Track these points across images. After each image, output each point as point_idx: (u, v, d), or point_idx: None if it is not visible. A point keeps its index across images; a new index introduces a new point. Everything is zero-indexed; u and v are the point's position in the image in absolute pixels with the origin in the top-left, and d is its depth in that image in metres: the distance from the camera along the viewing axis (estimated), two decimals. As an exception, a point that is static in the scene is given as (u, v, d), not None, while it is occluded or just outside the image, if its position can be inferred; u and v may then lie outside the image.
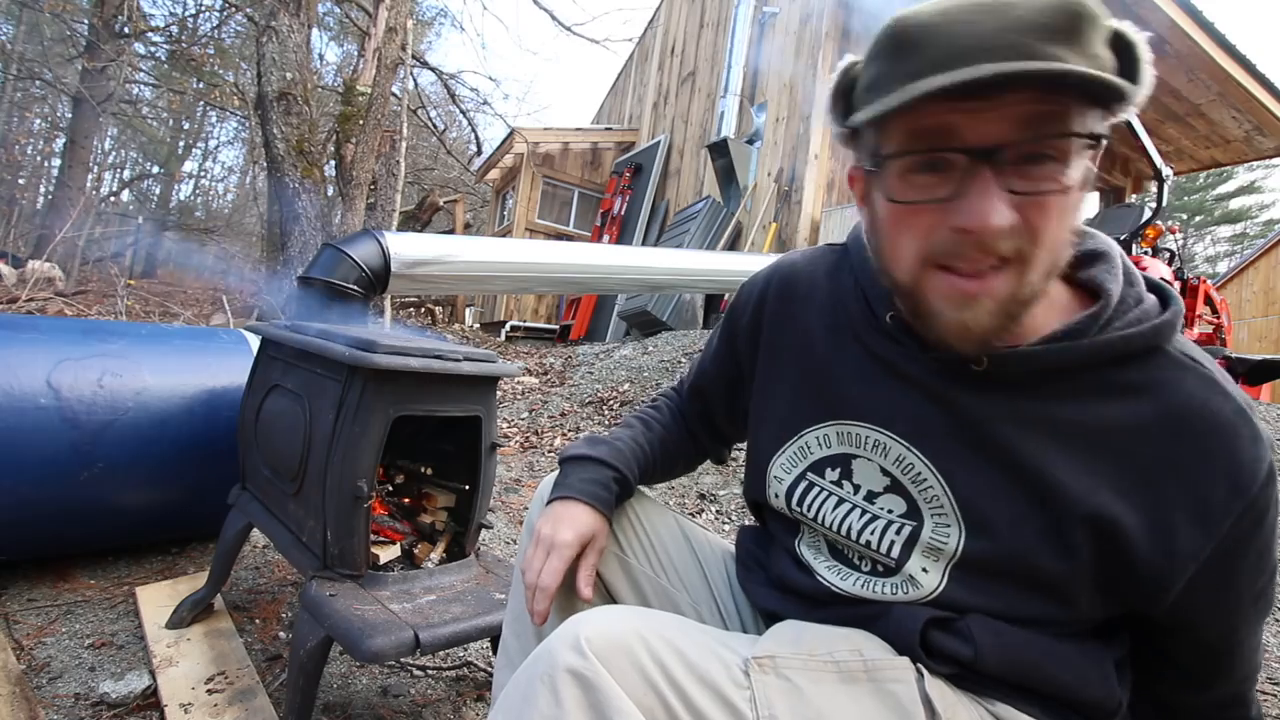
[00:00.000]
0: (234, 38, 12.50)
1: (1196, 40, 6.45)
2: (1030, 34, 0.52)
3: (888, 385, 0.72)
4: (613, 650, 0.59)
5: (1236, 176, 20.86)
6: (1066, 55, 0.52)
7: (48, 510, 1.66)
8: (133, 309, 6.42)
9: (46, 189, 15.64)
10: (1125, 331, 0.62)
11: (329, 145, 6.30)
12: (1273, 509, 0.61)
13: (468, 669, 1.59)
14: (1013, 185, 0.55)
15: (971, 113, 0.55)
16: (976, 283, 0.57)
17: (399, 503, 1.56)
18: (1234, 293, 12.22)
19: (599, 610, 0.66)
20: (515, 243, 4.52)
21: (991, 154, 0.55)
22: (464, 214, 11.27)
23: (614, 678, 0.58)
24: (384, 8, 6.69)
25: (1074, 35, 0.53)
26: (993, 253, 0.56)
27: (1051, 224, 0.56)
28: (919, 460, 0.69)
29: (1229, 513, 0.59)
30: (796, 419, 0.79)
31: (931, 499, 0.68)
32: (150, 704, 1.33)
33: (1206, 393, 0.61)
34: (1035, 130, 0.54)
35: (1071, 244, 0.60)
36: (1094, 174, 0.58)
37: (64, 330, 1.80)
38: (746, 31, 7.09)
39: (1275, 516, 0.62)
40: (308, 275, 2.25)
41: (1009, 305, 0.58)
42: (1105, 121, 0.57)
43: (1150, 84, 0.56)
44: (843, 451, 0.74)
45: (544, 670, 0.59)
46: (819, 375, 0.77)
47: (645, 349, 5.11)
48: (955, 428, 0.67)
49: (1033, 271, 0.57)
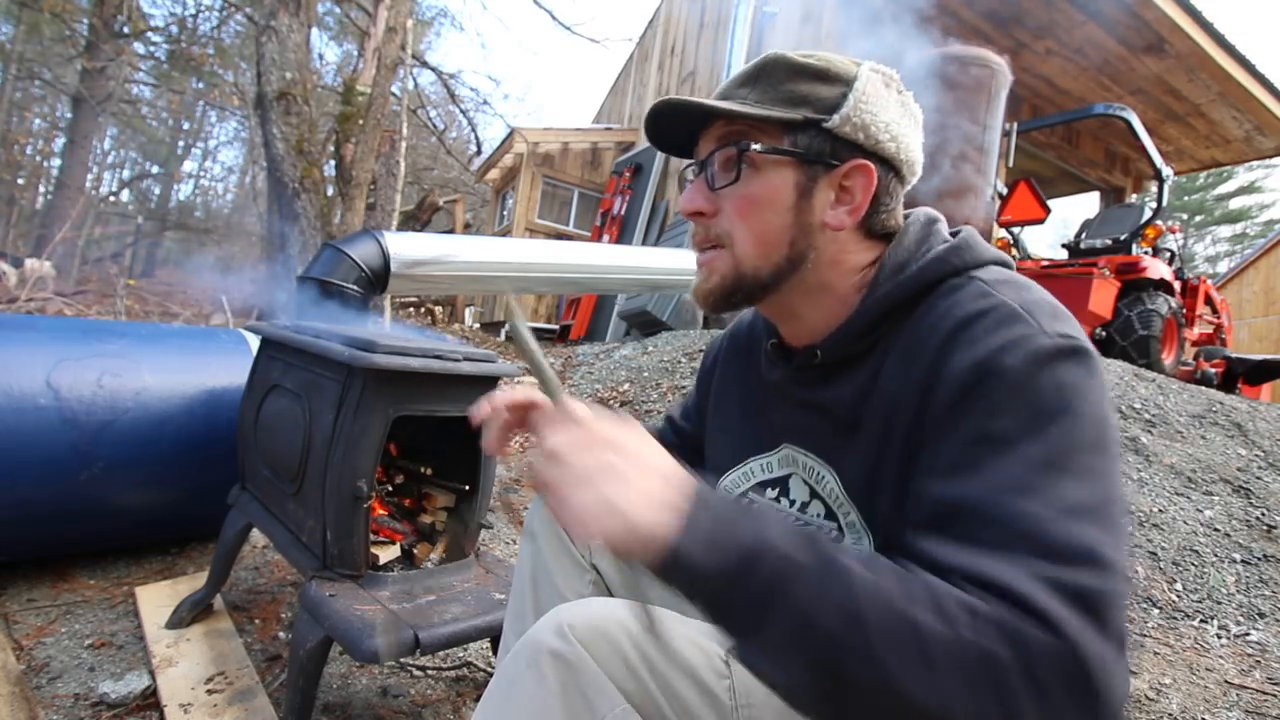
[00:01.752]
0: (234, 37, 12.50)
1: (1196, 40, 6.45)
2: (734, 83, 0.75)
3: (781, 404, 0.82)
4: (595, 636, 0.62)
5: (1236, 176, 20.86)
6: (748, 95, 0.73)
7: (47, 510, 1.66)
8: (132, 309, 6.42)
9: (46, 189, 15.64)
10: (888, 288, 0.72)
11: (329, 145, 6.30)
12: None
13: (468, 669, 1.59)
14: (713, 185, 0.74)
15: (703, 139, 0.77)
16: (704, 257, 0.76)
17: (399, 503, 1.56)
18: (1234, 293, 12.22)
19: (582, 600, 0.68)
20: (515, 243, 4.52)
21: (701, 164, 0.76)
22: (464, 214, 11.27)
23: (596, 662, 0.60)
24: (384, 8, 6.69)
25: (760, 79, 0.73)
26: (708, 235, 0.75)
27: (739, 216, 0.73)
28: (817, 463, 0.76)
29: None
30: (742, 450, 0.87)
31: (831, 494, 0.75)
32: (150, 704, 1.33)
33: (953, 307, 0.66)
34: (721, 144, 0.74)
35: (789, 242, 0.72)
36: (818, 185, 0.72)
37: (64, 330, 1.80)
38: (746, 31, 7.09)
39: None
40: (307, 275, 2.25)
41: (726, 278, 0.74)
42: (808, 139, 0.71)
43: (860, 113, 0.70)
44: (784, 473, 0.82)
45: (529, 654, 0.61)
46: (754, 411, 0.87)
47: (645, 349, 5.11)
48: (830, 423, 0.74)
49: (736, 251, 0.73)
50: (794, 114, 0.71)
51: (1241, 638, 2.01)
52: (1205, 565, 2.29)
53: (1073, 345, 0.59)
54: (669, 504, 0.51)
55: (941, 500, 0.57)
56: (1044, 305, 0.63)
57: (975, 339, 0.61)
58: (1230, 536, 2.46)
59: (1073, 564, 0.50)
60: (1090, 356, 0.60)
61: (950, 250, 0.72)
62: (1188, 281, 5.95)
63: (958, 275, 0.70)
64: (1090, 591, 0.49)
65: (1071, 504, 0.52)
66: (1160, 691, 1.65)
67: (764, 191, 0.72)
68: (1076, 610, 0.48)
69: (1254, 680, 1.75)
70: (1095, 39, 6.64)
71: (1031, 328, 0.60)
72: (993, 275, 0.69)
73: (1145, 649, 1.90)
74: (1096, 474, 0.54)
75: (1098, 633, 0.48)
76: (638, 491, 0.51)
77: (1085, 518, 0.52)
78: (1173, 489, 2.75)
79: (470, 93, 14.97)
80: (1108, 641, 0.48)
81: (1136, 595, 2.16)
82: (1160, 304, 4.97)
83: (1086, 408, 0.57)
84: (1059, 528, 0.51)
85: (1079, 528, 0.51)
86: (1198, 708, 1.60)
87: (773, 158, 0.72)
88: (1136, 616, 2.08)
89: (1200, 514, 2.59)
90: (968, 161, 4.77)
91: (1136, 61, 6.96)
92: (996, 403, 0.57)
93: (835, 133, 0.70)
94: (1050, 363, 0.58)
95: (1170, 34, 6.41)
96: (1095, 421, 0.57)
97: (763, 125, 0.71)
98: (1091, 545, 0.51)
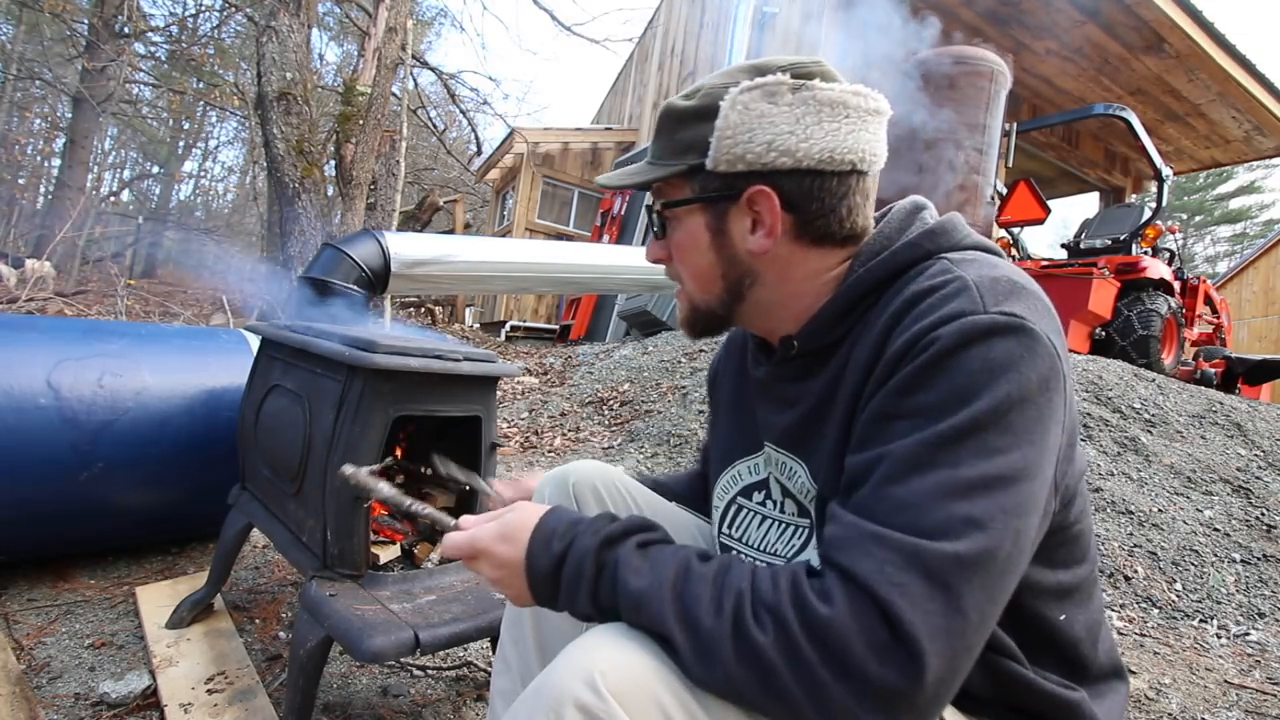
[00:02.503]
0: (234, 38, 12.50)
1: (1196, 40, 6.45)
2: (652, 138, 0.79)
3: (763, 401, 0.83)
4: (632, 689, 0.55)
5: (1236, 176, 20.86)
6: (654, 152, 0.78)
7: (48, 510, 1.66)
8: (133, 309, 6.42)
9: (46, 189, 15.64)
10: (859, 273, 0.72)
11: (329, 145, 6.30)
12: None
13: (468, 669, 1.59)
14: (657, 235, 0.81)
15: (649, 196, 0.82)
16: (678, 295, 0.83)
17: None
18: (1234, 293, 12.22)
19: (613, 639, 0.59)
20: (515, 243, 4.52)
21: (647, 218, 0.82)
22: (464, 214, 11.26)
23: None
24: (384, 8, 6.69)
25: (659, 134, 0.77)
26: (669, 275, 0.82)
27: (680, 263, 0.79)
28: (790, 459, 0.77)
29: None
30: (731, 452, 0.89)
31: (801, 489, 0.76)
32: (150, 704, 1.33)
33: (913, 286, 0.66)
34: (654, 201, 0.80)
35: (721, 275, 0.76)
36: (723, 221, 0.74)
37: (64, 330, 1.80)
38: (746, 31, 7.08)
39: None
40: (308, 275, 2.25)
41: (690, 310, 0.81)
42: (709, 182, 0.73)
43: (720, 138, 0.71)
44: (766, 475, 0.83)
45: (549, 703, 0.54)
46: (743, 410, 0.88)
47: (645, 349, 5.10)
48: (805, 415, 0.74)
49: (687, 289, 0.80)
50: (680, 165, 0.74)
51: (1241, 638, 2.01)
52: (1205, 565, 2.29)
53: (1011, 323, 0.58)
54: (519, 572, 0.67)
55: (848, 469, 0.62)
56: (999, 282, 0.62)
57: (919, 315, 0.61)
58: (1230, 536, 2.46)
59: (936, 538, 0.52)
60: (1030, 335, 0.58)
61: (924, 234, 0.71)
62: (1187, 281, 5.95)
63: (930, 258, 0.69)
64: (944, 561, 0.51)
65: (960, 482, 0.54)
66: (1160, 691, 1.65)
67: (685, 238, 0.77)
68: (925, 585, 0.51)
69: (1254, 680, 1.75)
70: (1095, 39, 6.65)
71: (974, 303, 0.59)
72: (961, 256, 0.68)
73: (1145, 649, 1.90)
74: (1000, 451, 0.55)
75: (935, 601, 0.51)
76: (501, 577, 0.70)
77: (971, 495, 0.53)
78: (1173, 489, 2.75)
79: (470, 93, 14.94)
80: (950, 615, 0.51)
81: (1136, 595, 2.16)
82: (1160, 304, 4.97)
83: (1006, 386, 0.56)
84: (935, 505, 0.53)
85: (958, 505, 0.53)
86: (1198, 707, 1.60)
87: (681, 209, 0.76)
88: (1136, 616, 2.08)
89: (1200, 514, 2.59)
90: (967, 162, 4.77)
91: (1136, 61, 6.96)
92: (917, 377, 0.58)
93: (717, 171, 0.72)
94: (981, 340, 0.57)
95: (1170, 34, 6.41)
96: (1014, 399, 0.56)
97: (670, 179, 0.76)
98: (964, 522, 0.52)
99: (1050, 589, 0.66)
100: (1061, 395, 0.60)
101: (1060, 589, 0.67)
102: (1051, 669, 0.67)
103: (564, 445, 3.56)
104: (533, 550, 0.66)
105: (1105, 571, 2.23)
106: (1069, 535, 0.68)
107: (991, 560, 0.53)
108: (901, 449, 0.57)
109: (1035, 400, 0.57)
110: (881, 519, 0.55)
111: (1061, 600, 0.68)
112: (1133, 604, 2.13)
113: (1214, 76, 6.96)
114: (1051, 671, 0.67)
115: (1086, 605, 0.70)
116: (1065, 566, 0.68)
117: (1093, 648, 0.70)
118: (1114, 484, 2.68)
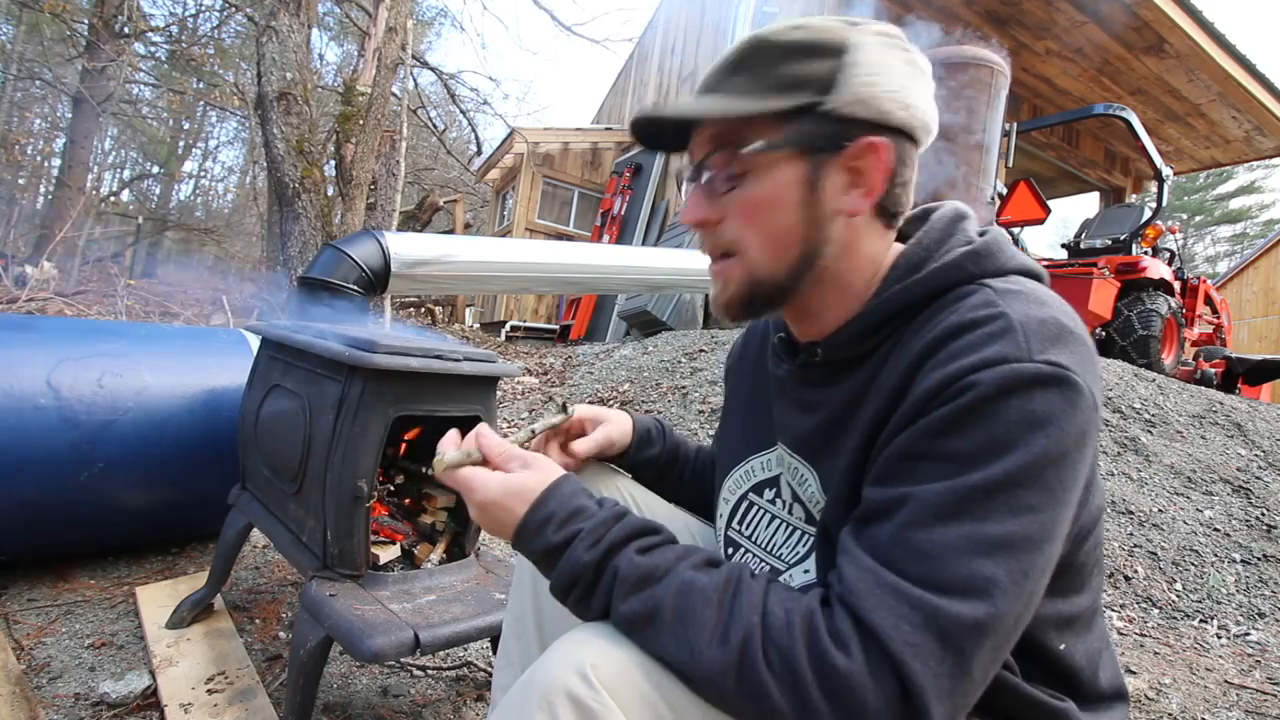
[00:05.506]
0: (234, 38, 12.50)
1: (1196, 40, 6.45)
2: (720, 72, 0.68)
3: (780, 401, 0.80)
4: (624, 684, 0.55)
5: (1236, 176, 20.87)
6: (735, 85, 0.66)
7: (48, 510, 1.66)
8: (133, 309, 6.42)
9: (46, 189, 15.65)
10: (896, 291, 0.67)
11: (329, 145, 6.30)
12: None
13: (468, 669, 1.59)
14: (719, 188, 0.68)
15: (693, 143, 0.72)
16: (716, 267, 0.72)
17: (399, 503, 1.56)
18: (1234, 293, 12.23)
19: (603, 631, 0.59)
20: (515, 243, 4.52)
21: (695, 170, 0.70)
22: (464, 214, 11.26)
23: (625, 714, 0.54)
24: (384, 8, 6.69)
25: (745, 66, 0.66)
26: (716, 245, 0.70)
27: (747, 221, 0.67)
28: (802, 464, 0.75)
29: None
30: (744, 447, 0.86)
31: (811, 498, 0.74)
32: (150, 704, 1.33)
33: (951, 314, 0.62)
34: (715, 146, 0.68)
35: (802, 239, 0.67)
36: (824, 175, 0.66)
37: (64, 330, 1.80)
38: (746, 31, 7.08)
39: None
40: (308, 275, 2.25)
41: (743, 286, 0.70)
42: (810, 125, 0.65)
43: (852, 75, 0.64)
44: (777, 473, 0.80)
45: (540, 693, 0.54)
46: (760, 406, 0.85)
47: (645, 349, 5.10)
48: (822, 424, 0.72)
49: (748, 258, 0.68)
50: (787, 102, 0.64)
51: (1241, 638, 2.01)
52: (1205, 565, 2.29)
53: (1056, 374, 0.55)
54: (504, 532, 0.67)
55: (867, 502, 0.59)
56: (1047, 325, 0.58)
57: (957, 352, 0.57)
58: (1230, 536, 2.46)
59: (954, 597, 0.51)
60: (1074, 388, 0.55)
61: (968, 255, 0.66)
62: (1187, 281, 5.96)
63: (971, 282, 0.64)
64: (959, 625, 0.51)
65: (985, 538, 0.52)
66: (1160, 691, 1.65)
67: (768, 193, 0.66)
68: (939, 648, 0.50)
69: (1254, 680, 1.75)
70: (1095, 39, 6.65)
71: (1018, 348, 0.55)
72: (1006, 285, 0.63)
73: (1145, 649, 1.90)
74: (1030, 510, 0.53)
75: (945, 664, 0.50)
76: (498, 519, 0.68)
77: (995, 554, 0.52)
78: (1173, 489, 2.75)
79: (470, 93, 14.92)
80: (957, 678, 0.50)
81: (1136, 595, 2.16)
82: (1160, 304, 4.97)
83: (1044, 442, 0.53)
84: (957, 560, 0.52)
85: (980, 563, 0.52)
86: (1198, 708, 1.60)
87: (772, 154, 0.65)
88: (1136, 616, 2.08)
89: (1200, 514, 2.59)
90: (968, 162, 4.77)
91: (1136, 61, 6.96)
92: (952, 421, 0.55)
93: (836, 113, 0.64)
94: (1023, 390, 0.54)
95: (1170, 34, 6.41)
96: (1051, 457, 0.54)
97: (755, 119, 0.65)
98: (985, 583, 0.51)
99: (1050, 619, 0.64)
100: (1093, 447, 0.58)
101: (1060, 619, 0.65)
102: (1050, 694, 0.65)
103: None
104: (526, 525, 0.65)
105: (1105, 571, 2.23)
106: (1073, 568, 0.65)
107: (1003, 624, 0.52)
108: (929, 494, 0.54)
109: (1071, 457, 0.55)
110: (900, 567, 0.53)
111: (1062, 630, 0.66)
112: (1133, 604, 2.13)
113: (1214, 76, 6.96)
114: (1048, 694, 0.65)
115: (1087, 634, 0.68)
116: (1065, 596, 0.65)
117: (1093, 675, 0.68)
118: (1114, 484, 2.68)
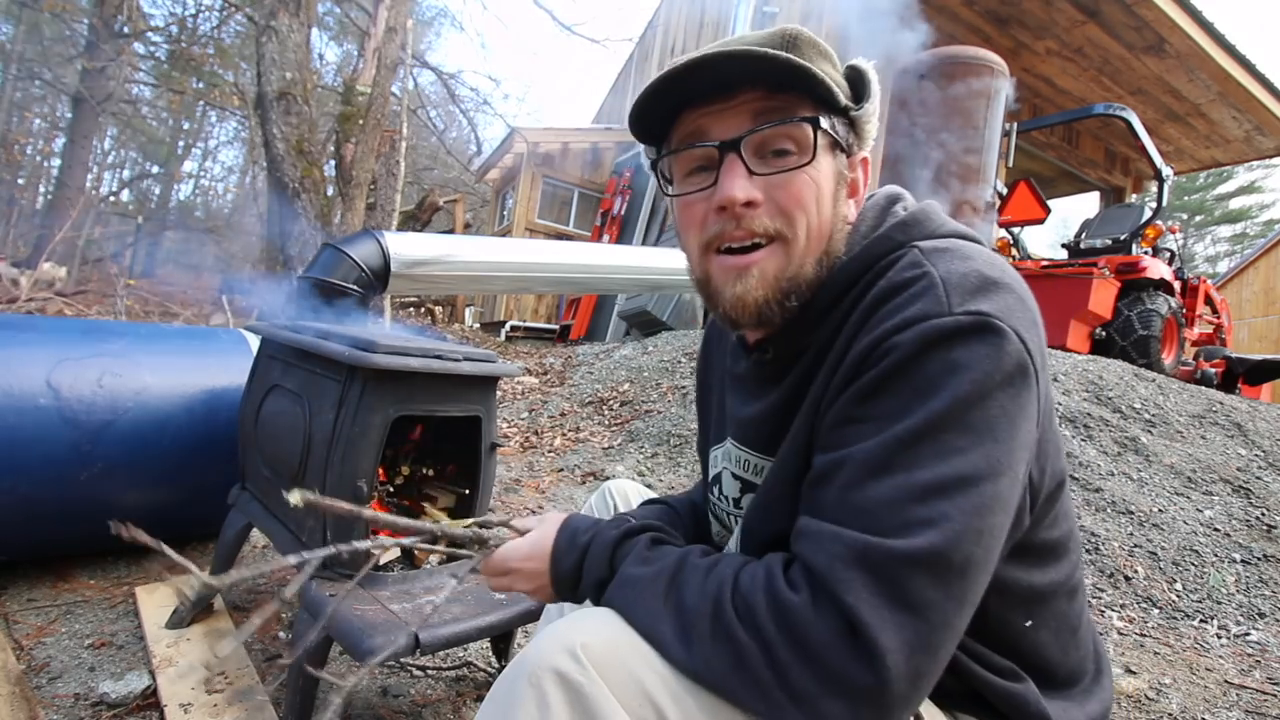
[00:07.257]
0: (234, 38, 12.49)
1: (1196, 40, 6.45)
2: (769, 41, 0.65)
3: (736, 395, 0.81)
4: (612, 661, 0.56)
5: (1236, 176, 20.85)
6: (812, 58, 0.65)
7: (48, 510, 1.66)
8: (133, 309, 6.42)
9: (46, 189, 15.64)
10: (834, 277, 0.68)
11: (329, 145, 6.30)
12: None
13: (468, 669, 1.59)
14: (756, 168, 0.65)
15: (716, 114, 0.66)
16: (746, 258, 0.66)
17: (399, 503, 1.56)
18: (1234, 293, 12.22)
19: (593, 617, 0.61)
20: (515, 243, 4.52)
21: (734, 144, 0.65)
22: (464, 214, 11.26)
23: (612, 692, 0.54)
24: (384, 8, 6.69)
25: (792, 47, 0.65)
26: (753, 230, 0.65)
27: (800, 204, 0.65)
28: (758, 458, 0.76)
29: None
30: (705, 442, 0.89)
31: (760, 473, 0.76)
32: (150, 704, 1.33)
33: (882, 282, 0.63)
34: (767, 120, 0.64)
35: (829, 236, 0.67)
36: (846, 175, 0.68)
37: (64, 330, 1.80)
38: (746, 31, 7.08)
39: None
40: (308, 275, 2.25)
41: (779, 279, 0.66)
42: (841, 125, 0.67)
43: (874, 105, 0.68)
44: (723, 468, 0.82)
45: (530, 671, 0.55)
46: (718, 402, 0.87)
47: (645, 349, 5.10)
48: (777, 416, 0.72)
49: (795, 247, 0.66)
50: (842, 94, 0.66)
51: (1241, 638, 2.01)
52: (1205, 565, 2.29)
53: (976, 322, 0.55)
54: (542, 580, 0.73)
55: (814, 469, 0.61)
56: (968, 278, 0.58)
57: (883, 317, 0.59)
58: (1230, 536, 2.46)
59: (889, 537, 0.52)
60: (996, 332, 0.55)
61: (896, 226, 0.67)
62: (1188, 281, 5.95)
63: (901, 249, 0.65)
64: (890, 558, 0.51)
65: (916, 486, 0.53)
66: (1160, 691, 1.65)
67: (824, 178, 0.66)
68: (870, 580, 0.51)
69: (1254, 680, 1.75)
70: (1095, 39, 6.65)
71: (939, 304, 0.57)
72: (933, 244, 0.64)
73: (1145, 649, 1.90)
74: (959, 451, 0.54)
75: (880, 595, 0.51)
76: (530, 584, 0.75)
77: (928, 499, 0.53)
78: (1173, 489, 2.75)
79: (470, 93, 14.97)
80: (899, 609, 0.51)
81: (1136, 595, 2.16)
82: (1160, 304, 4.97)
83: (964, 386, 0.54)
84: (892, 511, 0.53)
85: (914, 510, 0.53)
86: (1198, 708, 1.60)
87: (825, 139, 0.66)
88: (1136, 616, 2.08)
89: (1200, 514, 2.59)
90: (968, 162, 4.77)
91: (1136, 61, 6.96)
92: (879, 383, 0.57)
93: (856, 121, 0.68)
94: (944, 343, 0.55)
95: (1170, 34, 6.41)
96: (972, 398, 0.54)
97: (798, 103, 0.65)
98: (922, 524, 0.52)
99: (1017, 592, 0.64)
100: (1032, 392, 0.57)
101: (1031, 593, 0.65)
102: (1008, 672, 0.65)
103: (564, 445, 3.56)
104: (558, 546, 0.72)
105: (1105, 571, 2.23)
106: (1042, 537, 0.65)
107: (947, 559, 0.52)
108: (860, 453, 0.56)
109: (997, 397, 0.55)
110: (845, 524, 0.55)
111: (1030, 605, 0.65)
112: (1133, 604, 2.13)
113: (1214, 76, 6.96)
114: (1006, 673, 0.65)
115: (1058, 612, 0.68)
116: (1032, 568, 0.65)
117: (1061, 656, 0.68)
118: (1114, 484, 2.68)
